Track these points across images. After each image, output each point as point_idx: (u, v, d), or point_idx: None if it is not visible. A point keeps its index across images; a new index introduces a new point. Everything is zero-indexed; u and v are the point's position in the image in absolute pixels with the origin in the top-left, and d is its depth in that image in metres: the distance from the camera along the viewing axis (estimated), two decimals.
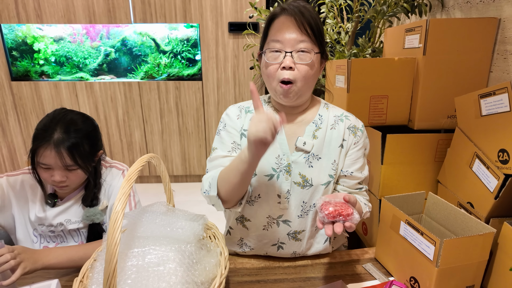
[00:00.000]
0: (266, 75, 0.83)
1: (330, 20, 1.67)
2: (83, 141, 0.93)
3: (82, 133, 0.94)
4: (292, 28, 0.78)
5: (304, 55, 0.79)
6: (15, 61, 2.93)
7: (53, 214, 1.00)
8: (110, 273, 0.51)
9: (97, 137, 1.01)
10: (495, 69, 1.06)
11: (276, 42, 0.80)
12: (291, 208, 0.87)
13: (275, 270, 0.89)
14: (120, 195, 0.56)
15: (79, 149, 0.92)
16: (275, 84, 0.81)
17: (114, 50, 3.02)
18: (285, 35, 0.79)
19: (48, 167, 0.91)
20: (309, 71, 0.80)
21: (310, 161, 0.87)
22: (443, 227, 0.85)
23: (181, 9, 2.76)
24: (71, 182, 0.95)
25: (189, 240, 0.73)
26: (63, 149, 0.89)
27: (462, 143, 0.96)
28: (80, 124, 0.96)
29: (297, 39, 0.78)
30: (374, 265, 0.90)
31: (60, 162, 0.90)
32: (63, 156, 0.89)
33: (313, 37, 0.79)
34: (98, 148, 1.01)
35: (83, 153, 0.93)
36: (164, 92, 2.94)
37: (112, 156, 3.09)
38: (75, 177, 0.95)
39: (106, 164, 1.09)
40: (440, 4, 1.33)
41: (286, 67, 0.79)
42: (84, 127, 0.96)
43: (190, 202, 2.74)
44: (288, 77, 0.79)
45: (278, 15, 0.81)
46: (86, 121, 0.99)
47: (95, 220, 1.00)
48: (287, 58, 0.79)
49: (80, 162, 0.92)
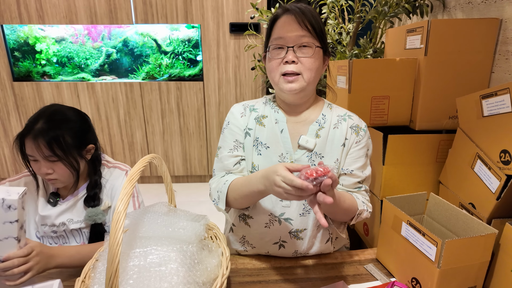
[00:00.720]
0: (269, 70, 0.86)
1: (332, 20, 1.67)
2: (64, 133, 0.93)
3: (65, 124, 0.94)
4: (294, 25, 0.81)
5: (306, 49, 0.82)
6: (17, 62, 2.94)
7: (56, 213, 1.00)
8: (112, 273, 0.51)
9: (84, 130, 1.00)
10: (497, 69, 1.06)
11: (278, 39, 0.83)
12: (293, 206, 0.88)
13: (276, 271, 0.89)
14: (122, 195, 0.56)
15: (58, 140, 0.91)
16: (278, 77, 0.84)
17: (115, 51, 3.02)
18: (287, 32, 0.82)
19: (34, 158, 0.92)
20: (313, 64, 0.83)
21: (313, 159, 0.87)
22: (444, 228, 0.85)
23: (183, 10, 2.77)
24: (59, 175, 0.95)
25: (190, 241, 0.73)
26: (41, 139, 0.89)
27: (464, 143, 0.96)
28: (63, 115, 0.95)
29: (298, 34, 0.81)
30: (376, 266, 0.90)
31: (39, 153, 0.90)
32: (40, 147, 0.89)
33: (313, 33, 0.82)
34: (86, 142, 0.99)
35: (64, 145, 0.92)
36: (165, 92, 2.95)
37: (113, 157, 3.10)
38: (61, 170, 0.94)
39: (109, 164, 1.09)
40: (441, 4, 1.33)
41: (289, 61, 0.82)
42: (67, 118, 0.95)
43: (191, 202, 2.74)
44: (292, 69, 0.82)
45: (280, 15, 0.84)
46: (71, 112, 0.98)
47: (97, 220, 1.00)
48: (290, 53, 0.82)
49: (60, 153, 0.92)
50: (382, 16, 1.44)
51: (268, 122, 0.91)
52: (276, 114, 0.92)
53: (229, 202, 0.87)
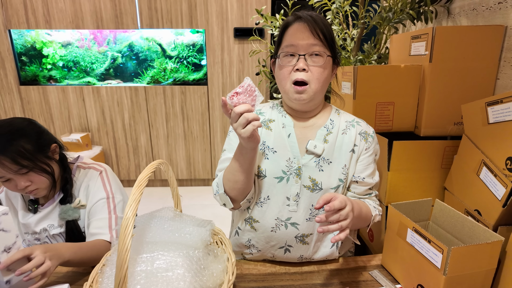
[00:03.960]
0: (280, 78, 0.87)
1: (336, 26, 1.68)
2: (20, 142, 0.89)
3: (17, 134, 0.90)
4: (306, 33, 0.82)
5: (317, 58, 0.83)
6: (24, 66, 2.97)
7: (35, 220, 1.00)
8: (121, 278, 0.52)
9: (38, 132, 0.96)
10: (502, 76, 1.06)
11: (290, 46, 0.83)
12: (299, 211, 0.88)
13: (281, 276, 0.89)
14: (130, 201, 0.57)
15: (19, 151, 0.88)
16: (289, 86, 0.84)
17: (121, 55, 3.05)
18: (298, 40, 0.82)
19: (4, 179, 0.89)
20: (322, 73, 0.83)
21: (320, 165, 0.88)
22: (450, 235, 0.85)
23: (187, 15, 2.79)
24: (38, 184, 0.93)
25: (197, 246, 0.73)
26: (2, 158, 0.86)
27: (469, 150, 0.96)
28: (11, 126, 0.91)
29: (310, 43, 0.82)
30: (381, 272, 0.90)
31: (7, 171, 0.87)
32: (6, 165, 0.87)
33: (325, 42, 0.82)
34: (45, 142, 0.97)
35: (26, 154, 0.89)
36: (170, 96, 2.97)
37: (118, 160, 3.11)
38: (37, 178, 0.93)
39: (84, 165, 1.08)
40: (446, 11, 1.34)
41: (299, 69, 0.82)
42: (16, 128, 0.91)
43: (195, 206, 2.75)
44: (302, 77, 0.82)
45: (292, 23, 0.85)
46: (15, 121, 0.94)
47: (67, 217, 0.98)
48: (301, 61, 0.82)
49: (27, 164, 0.89)
50: (387, 22, 1.44)
51: (275, 127, 0.92)
52: (284, 118, 0.92)
53: (226, 186, 0.85)
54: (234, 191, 0.85)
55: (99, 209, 1.00)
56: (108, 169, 1.08)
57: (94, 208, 1.00)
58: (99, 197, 1.01)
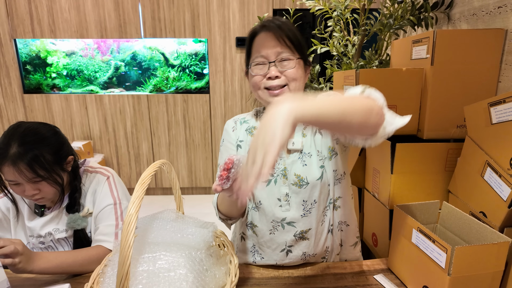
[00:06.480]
0: (252, 86, 0.88)
1: (337, 33, 1.70)
2: (42, 151, 0.90)
3: (39, 142, 0.90)
4: (272, 41, 0.83)
5: (288, 62, 0.84)
6: (28, 75, 3.01)
7: (41, 224, 0.99)
8: (123, 275, 0.51)
9: (59, 143, 0.96)
10: (504, 79, 1.06)
11: (259, 57, 0.84)
12: (293, 209, 0.88)
13: (284, 280, 0.88)
14: (134, 198, 0.57)
15: (38, 160, 0.88)
16: (261, 92, 0.86)
17: (124, 64, 3.09)
18: (267, 48, 0.83)
19: (15, 182, 0.89)
20: (296, 73, 0.84)
21: (303, 160, 0.89)
22: (458, 237, 0.84)
23: (190, 25, 2.83)
24: (45, 194, 0.93)
25: (199, 247, 0.73)
26: (21, 164, 0.86)
27: (473, 152, 0.95)
28: (36, 133, 0.91)
29: (277, 51, 0.83)
30: (386, 276, 0.88)
31: (22, 177, 0.87)
32: (22, 171, 0.86)
33: (293, 48, 0.84)
34: (64, 154, 0.97)
35: (45, 164, 0.89)
36: (172, 104, 2.98)
37: (119, 168, 3.11)
38: (47, 188, 0.92)
39: (90, 169, 1.07)
40: (446, 17, 1.35)
41: (272, 77, 0.83)
42: (41, 136, 0.92)
43: (196, 214, 2.71)
44: (277, 83, 0.83)
45: (258, 32, 0.86)
46: (41, 129, 0.94)
47: (76, 227, 0.98)
48: (272, 68, 0.83)
49: (43, 173, 0.89)
50: (388, 29, 1.46)
51: None
52: None
53: (220, 210, 0.89)
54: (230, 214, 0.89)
55: (106, 215, 0.99)
56: (114, 174, 1.08)
57: (101, 214, 0.99)
58: (106, 203, 1.00)
